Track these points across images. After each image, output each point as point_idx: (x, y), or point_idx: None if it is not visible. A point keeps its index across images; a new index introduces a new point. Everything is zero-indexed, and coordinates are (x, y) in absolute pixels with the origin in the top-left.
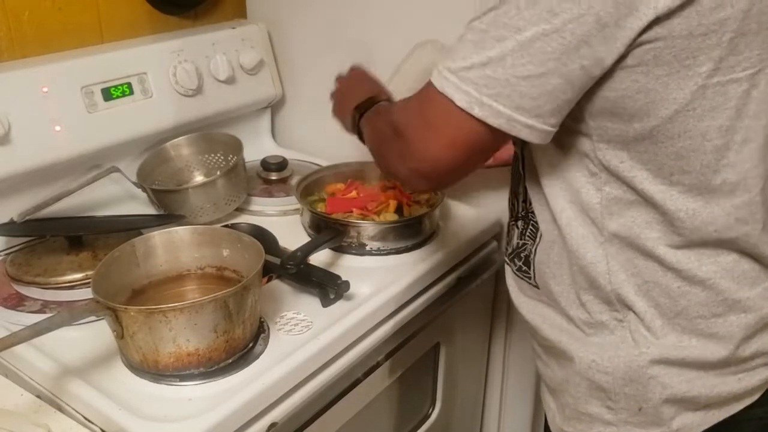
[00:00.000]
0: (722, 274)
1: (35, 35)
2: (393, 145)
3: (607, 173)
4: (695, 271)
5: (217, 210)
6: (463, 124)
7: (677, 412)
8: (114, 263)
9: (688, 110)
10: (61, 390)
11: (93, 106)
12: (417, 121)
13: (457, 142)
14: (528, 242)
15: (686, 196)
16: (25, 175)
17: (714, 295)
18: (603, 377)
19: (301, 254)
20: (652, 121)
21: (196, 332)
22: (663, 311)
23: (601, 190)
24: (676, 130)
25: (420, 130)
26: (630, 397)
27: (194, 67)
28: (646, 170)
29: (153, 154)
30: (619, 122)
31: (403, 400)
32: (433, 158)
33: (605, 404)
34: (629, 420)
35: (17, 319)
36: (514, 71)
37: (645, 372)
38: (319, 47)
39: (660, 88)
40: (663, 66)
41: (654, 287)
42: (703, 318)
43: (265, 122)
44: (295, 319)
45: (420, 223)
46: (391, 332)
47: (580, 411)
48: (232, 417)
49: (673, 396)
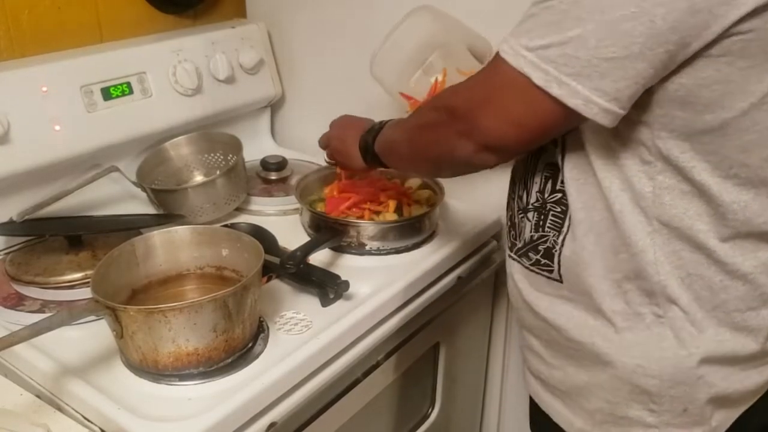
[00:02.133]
0: (762, 269)
1: (34, 35)
2: (452, 128)
3: (663, 162)
4: (739, 265)
5: (216, 210)
6: (537, 103)
7: (714, 410)
8: (114, 263)
9: (762, 104)
10: (61, 390)
11: (92, 106)
12: (484, 99)
13: (529, 121)
14: (549, 233)
15: (740, 188)
16: (24, 175)
17: (753, 290)
18: (649, 381)
19: (301, 254)
20: (724, 114)
21: (196, 332)
22: (702, 304)
23: (654, 179)
24: (746, 124)
25: (489, 108)
26: (675, 398)
27: (194, 66)
28: (705, 162)
29: (153, 154)
30: (690, 112)
31: (403, 400)
32: (503, 135)
33: (647, 407)
34: (671, 422)
35: (17, 319)
36: (597, 52)
37: (694, 373)
38: (319, 47)
39: (740, 79)
40: (748, 58)
41: (697, 280)
42: (739, 311)
43: (264, 122)
44: (294, 318)
45: (420, 223)
46: (390, 332)
47: (617, 415)
48: (231, 417)
49: (716, 394)
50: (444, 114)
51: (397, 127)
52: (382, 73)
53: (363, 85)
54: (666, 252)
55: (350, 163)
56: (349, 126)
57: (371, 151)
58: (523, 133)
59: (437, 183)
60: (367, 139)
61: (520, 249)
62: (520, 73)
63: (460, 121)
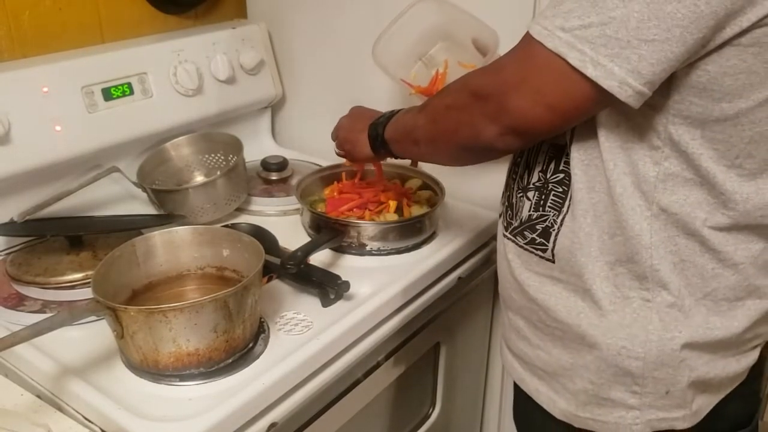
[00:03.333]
0: (752, 260)
1: (35, 35)
2: (477, 110)
3: (671, 148)
4: (732, 254)
5: (217, 210)
6: (571, 85)
7: (695, 394)
8: (114, 263)
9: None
10: (61, 390)
11: (93, 106)
12: (517, 81)
13: (562, 103)
14: (549, 213)
15: (743, 179)
16: (25, 175)
17: (742, 280)
18: (633, 363)
19: (301, 254)
20: (741, 104)
21: (196, 332)
22: (692, 291)
23: (660, 164)
24: (759, 115)
25: (519, 92)
26: (659, 380)
27: (194, 67)
28: (713, 150)
29: (153, 154)
30: (707, 99)
31: (403, 400)
32: (533, 118)
33: (630, 389)
34: (653, 404)
35: (17, 319)
36: (638, 33)
37: (677, 356)
38: (320, 47)
39: (763, 71)
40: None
41: (689, 266)
42: (727, 300)
43: (265, 122)
44: (295, 319)
45: (420, 223)
46: (391, 332)
47: (601, 397)
48: (232, 417)
49: (698, 378)
50: (470, 96)
51: (415, 112)
52: (383, 60)
53: (363, 85)
54: (662, 237)
55: (357, 152)
56: (359, 116)
57: (381, 138)
58: (555, 115)
59: (437, 183)
60: (377, 126)
61: (516, 228)
62: (555, 54)
63: (488, 103)
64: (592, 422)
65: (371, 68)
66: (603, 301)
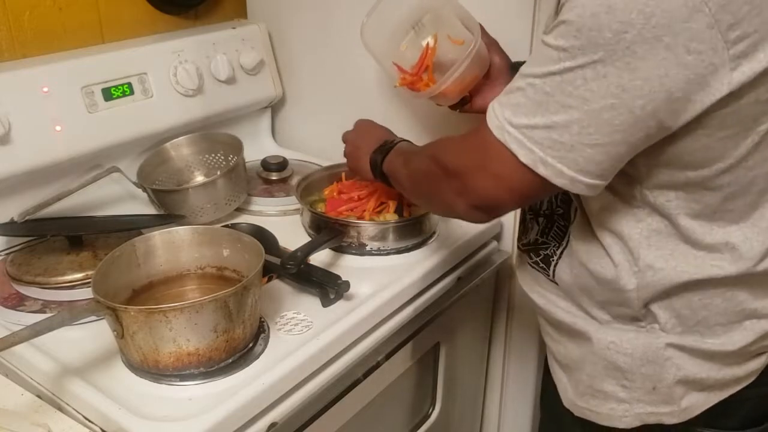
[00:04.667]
0: (742, 287)
1: (36, 35)
2: (446, 184)
3: (650, 208)
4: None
5: (217, 210)
6: (524, 177)
7: (686, 392)
8: (114, 263)
9: (741, 163)
10: (62, 390)
11: (93, 106)
12: (475, 165)
13: (518, 189)
14: (551, 243)
15: (725, 230)
16: (25, 175)
17: (733, 306)
18: (621, 357)
19: (302, 254)
20: (705, 173)
21: (197, 332)
22: (683, 321)
23: (642, 221)
24: (727, 180)
25: (480, 175)
26: (646, 376)
27: (195, 67)
28: (690, 209)
29: (153, 154)
30: (674, 170)
31: (403, 400)
32: (494, 198)
33: (620, 383)
34: (642, 398)
35: (17, 319)
36: (580, 138)
37: (662, 354)
38: (320, 47)
39: (719, 146)
40: (726, 129)
41: (677, 301)
42: (721, 325)
43: (265, 122)
44: (295, 319)
45: (420, 223)
46: (391, 332)
47: (595, 388)
48: (232, 417)
49: (685, 377)
50: (440, 169)
51: (403, 159)
52: (372, 39)
53: (363, 85)
54: (649, 291)
55: (359, 173)
56: (365, 135)
57: (380, 170)
58: (517, 196)
59: None
60: (377, 158)
61: (526, 245)
62: (507, 148)
63: (455, 180)
64: (588, 412)
65: (371, 68)
66: (603, 323)
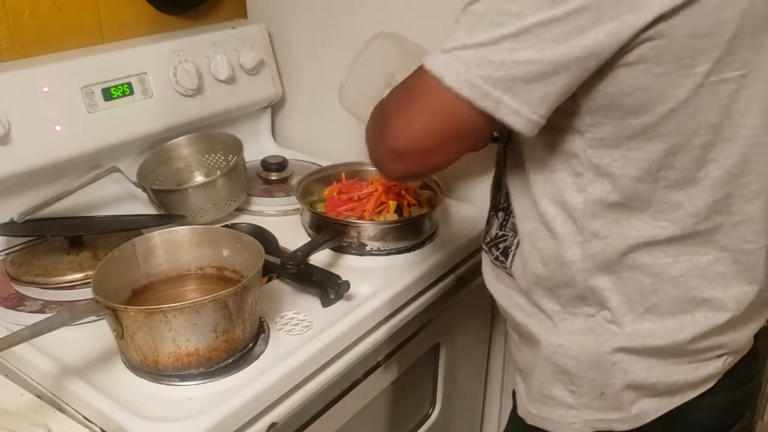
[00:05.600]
0: (695, 272)
1: (35, 35)
2: (374, 128)
3: (594, 173)
4: (668, 268)
5: (217, 210)
6: (449, 104)
7: (637, 398)
8: (114, 263)
9: (682, 108)
10: (61, 390)
11: (93, 106)
12: (402, 100)
13: (439, 122)
14: (509, 234)
15: (670, 190)
16: (25, 175)
17: (684, 293)
18: (568, 361)
19: (302, 254)
20: (647, 119)
21: (196, 332)
22: (633, 307)
23: (585, 191)
24: (669, 128)
25: (402, 109)
26: (593, 381)
27: (194, 67)
28: (635, 168)
29: (153, 154)
30: (616, 119)
31: (403, 400)
32: (410, 137)
33: (568, 388)
34: (590, 404)
35: (17, 319)
36: (511, 55)
37: (609, 358)
38: (320, 47)
39: (658, 86)
40: (663, 65)
41: (627, 283)
42: (671, 313)
43: (265, 122)
44: (295, 319)
45: (420, 223)
46: (391, 332)
47: (544, 394)
48: (232, 417)
49: (634, 382)
50: (376, 113)
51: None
52: (352, 100)
53: None
54: (596, 261)
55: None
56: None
57: None
58: (434, 134)
59: (438, 183)
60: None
61: (488, 243)
62: (434, 75)
63: (380, 121)
64: (540, 419)
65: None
66: (554, 317)
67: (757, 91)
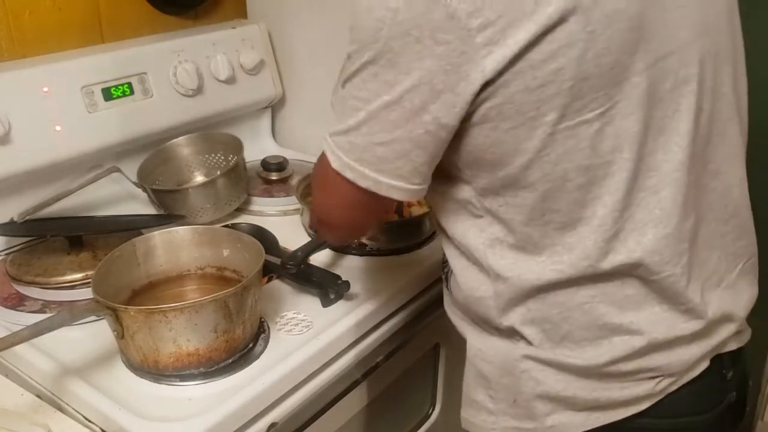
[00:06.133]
0: (601, 298)
1: (36, 35)
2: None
3: (490, 216)
4: (572, 295)
5: (217, 210)
6: (344, 185)
7: (553, 410)
8: (114, 263)
9: (542, 156)
10: (62, 390)
11: (93, 106)
12: (318, 181)
13: (349, 202)
14: (447, 263)
15: (560, 232)
16: (25, 175)
17: (593, 320)
18: (486, 366)
19: (302, 254)
20: (511, 170)
21: (197, 332)
22: (550, 336)
23: (485, 231)
24: (536, 176)
25: (321, 191)
26: (507, 388)
27: (194, 67)
28: (521, 214)
29: (153, 154)
30: (486, 171)
31: (403, 400)
32: (331, 216)
33: (488, 393)
34: (507, 411)
35: (17, 319)
36: (370, 138)
37: (518, 365)
38: (320, 47)
39: (510, 139)
40: (508, 120)
41: (537, 314)
42: (588, 341)
43: (265, 122)
44: (295, 319)
45: (420, 224)
46: (391, 332)
47: (470, 397)
48: (232, 417)
49: (546, 393)
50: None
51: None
52: None
53: None
54: (504, 299)
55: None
56: None
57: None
58: (345, 212)
59: None
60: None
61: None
62: (328, 160)
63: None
64: (467, 423)
65: None
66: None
67: (623, 124)
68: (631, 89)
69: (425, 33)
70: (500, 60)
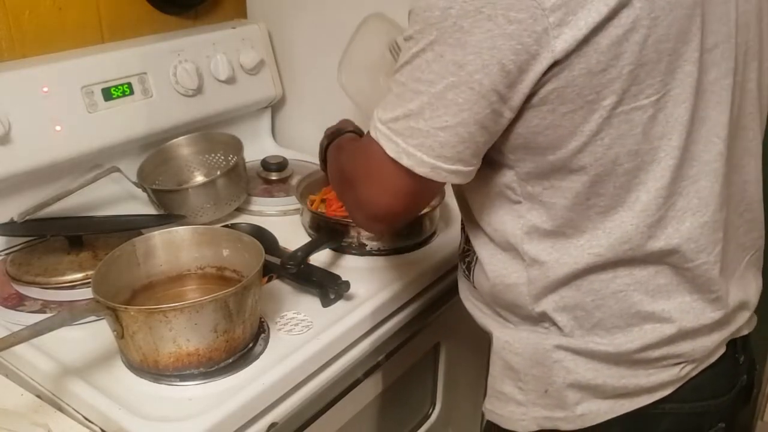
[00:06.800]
0: (636, 287)
1: (35, 35)
2: (348, 195)
3: (529, 202)
4: (607, 283)
5: (217, 210)
6: (397, 173)
7: (583, 398)
8: (114, 263)
9: (596, 140)
10: (61, 390)
11: (93, 106)
12: (362, 172)
13: (399, 190)
14: (471, 251)
15: (602, 216)
16: (25, 175)
17: (627, 308)
18: (514, 358)
19: (302, 254)
20: (563, 153)
21: (197, 332)
22: (581, 323)
23: (523, 217)
24: (587, 160)
25: (366, 183)
26: (537, 378)
27: (194, 67)
28: (564, 198)
29: (153, 154)
30: (535, 155)
31: (403, 400)
32: (384, 207)
33: (517, 384)
34: (537, 401)
35: (17, 319)
36: (433, 123)
37: (550, 356)
38: (320, 47)
39: (567, 123)
40: (567, 103)
41: (570, 303)
42: (619, 328)
43: (265, 122)
44: (295, 319)
45: (420, 223)
46: (391, 332)
47: (496, 389)
48: (232, 417)
49: (577, 382)
50: (344, 176)
51: (337, 155)
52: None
53: None
54: (539, 285)
55: (319, 158)
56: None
57: (323, 155)
58: (400, 202)
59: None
60: (323, 142)
61: (459, 255)
62: (379, 146)
63: (351, 191)
64: (494, 415)
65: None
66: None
67: (674, 111)
68: (684, 77)
69: (498, 11)
70: (571, 41)
